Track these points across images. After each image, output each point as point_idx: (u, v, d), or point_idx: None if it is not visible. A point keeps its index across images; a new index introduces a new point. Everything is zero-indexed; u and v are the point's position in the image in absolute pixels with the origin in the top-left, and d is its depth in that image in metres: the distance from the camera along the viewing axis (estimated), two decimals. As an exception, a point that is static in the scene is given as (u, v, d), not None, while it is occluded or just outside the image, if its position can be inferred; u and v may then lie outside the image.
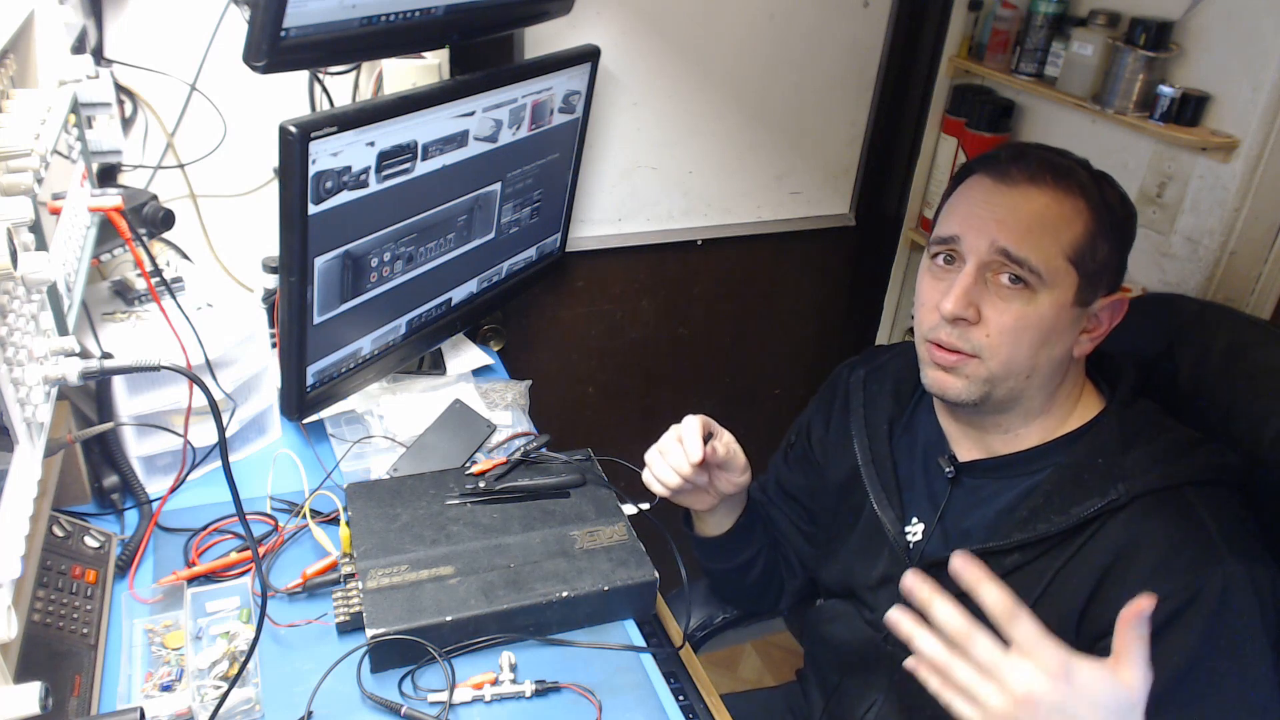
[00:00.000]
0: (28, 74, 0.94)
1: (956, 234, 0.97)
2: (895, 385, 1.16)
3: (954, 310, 0.94)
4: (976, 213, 0.96)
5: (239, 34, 1.03)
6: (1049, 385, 0.99)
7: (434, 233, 1.35)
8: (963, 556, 0.76)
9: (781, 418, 2.31)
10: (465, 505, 1.21)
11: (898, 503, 1.09)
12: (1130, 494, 0.90)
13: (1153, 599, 0.73)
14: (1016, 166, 0.96)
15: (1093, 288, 0.95)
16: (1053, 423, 1.01)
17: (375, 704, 0.99)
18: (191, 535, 1.19)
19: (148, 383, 1.19)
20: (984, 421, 1.03)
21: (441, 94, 1.24)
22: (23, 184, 0.76)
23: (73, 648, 0.98)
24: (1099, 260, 0.94)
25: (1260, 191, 1.42)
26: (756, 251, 2.04)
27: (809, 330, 2.23)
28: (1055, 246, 0.93)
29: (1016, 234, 0.93)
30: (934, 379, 1.00)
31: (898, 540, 1.08)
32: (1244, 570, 0.85)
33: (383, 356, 1.40)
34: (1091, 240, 0.94)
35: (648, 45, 1.71)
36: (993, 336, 0.94)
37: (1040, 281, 0.93)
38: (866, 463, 1.13)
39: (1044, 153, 0.98)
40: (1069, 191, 0.94)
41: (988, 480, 1.04)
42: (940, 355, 0.98)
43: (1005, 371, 0.95)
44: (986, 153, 1.03)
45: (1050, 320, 0.94)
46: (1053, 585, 0.93)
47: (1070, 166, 0.96)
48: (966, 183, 1.00)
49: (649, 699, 1.04)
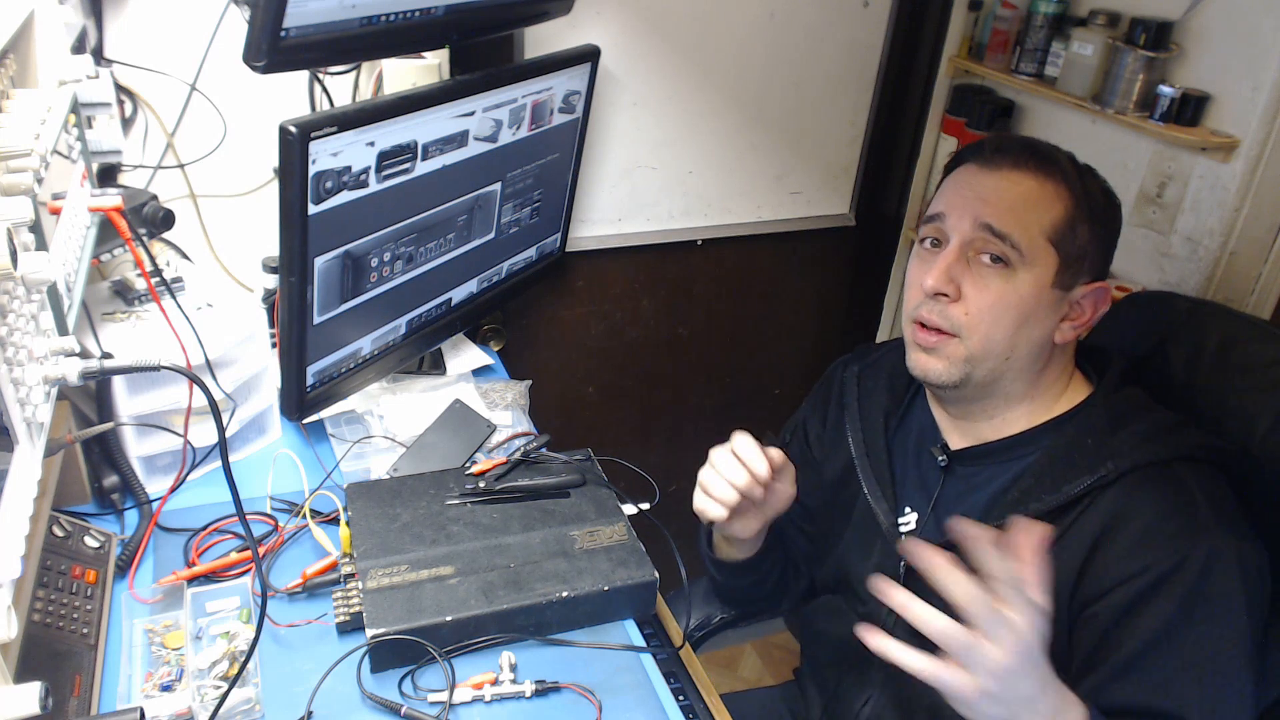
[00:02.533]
0: (28, 74, 0.94)
1: (942, 212, 1.00)
2: (890, 379, 1.17)
3: (935, 285, 0.97)
4: (962, 194, 1.00)
5: (239, 34, 1.03)
6: (1030, 369, 1.00)
7: (434, 233, 1.35)
8: (959, 521, 0.79)
9: (781, 418, 2.28)
10: (465, 505, 1.21)
11: (891, 494, 1.11)
12: (1120, 470, 0.92)
13: (1047, 527, 0.79)
14: (1001, 152, 1.00)
15: (1073, 272, 0.97)
16: (1039, 408, 1.03)
17: (375, 704, 0.99)
18: (191, 535, 1.19)
19: (148, 383, 1.19)
20: (971, 408, 1.05)
21: (441, 94, 1.24)
22: (23, 184, 0.75)
23: (73, 648, 0.98)
24: (1079, 244, 0.97)
25: (1260, 191, 1.42)
26: (756, 251, 2.04)
27: (809, 330, 2.23)
28: (1036, 225, 0.96)
29: (999, 211, 0.96)
30: (916, 361, 1.02)
31: (891, 531, 1.09)
32: (1230, 544, 0.87)
33: (383, 356, 1.40)
34: (1071, 223, 0.96)
35: (648, 45, 1.71)
36: (972, 314, 0.97)
37: (1020, 259, 0.95)
38: (860, 456, 1.14)
39: (1029, 141, 1.02)
40: (1051, 175, 0.98)
41: (979, 467, 1.05)
42: (922, 336, 1.00)
43: (984, 351, 0.97)
44: (974, 142, 1.07)
45: (1030, 300, 0.96)
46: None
47: (1053, 153, 1.00)
48: (955, 171, 1.04)
49: (649, 699, 1.04)
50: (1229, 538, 0.87)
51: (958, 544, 1.01)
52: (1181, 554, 0.87)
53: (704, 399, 2.19)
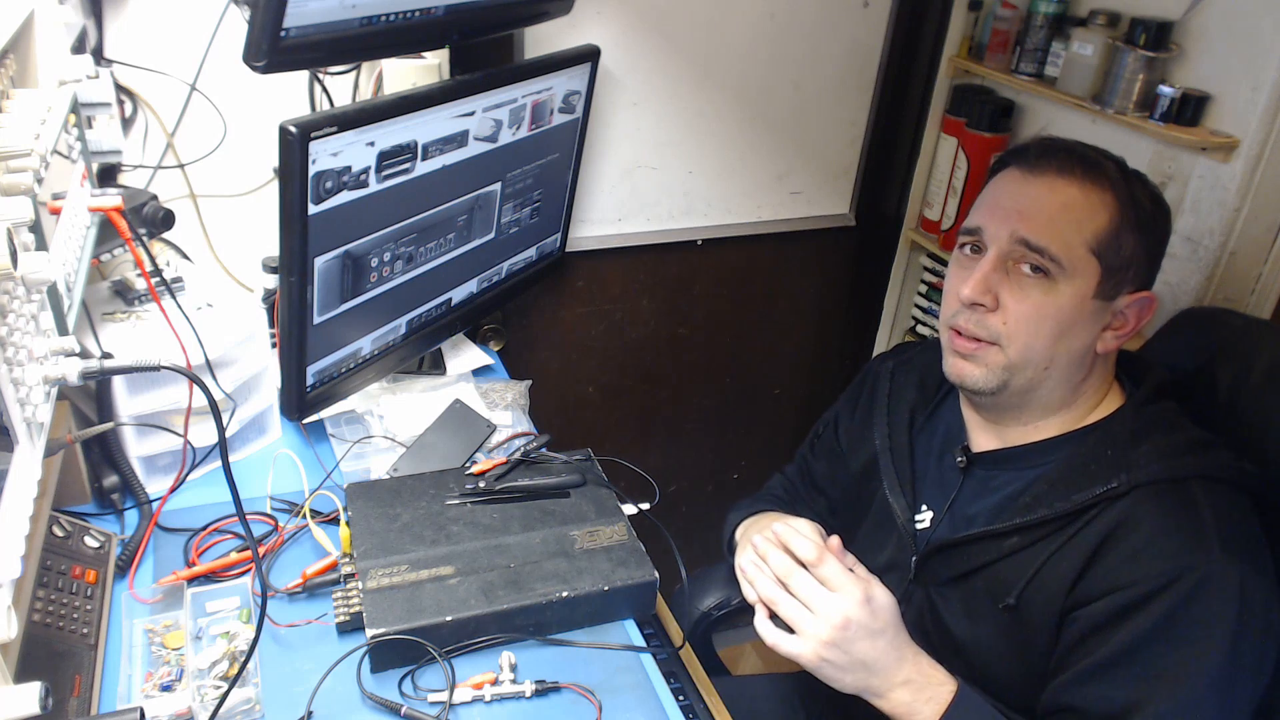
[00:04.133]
0: (28, 74, 0.94)
1: (980, 225, 0.98)
2: (921, 377, 1.17)
3: (971, 295, 0.96)
4: (1002, 204, 0.98)
5: (239, 34, 1.03)
6: (1069, 379, 0.99)
7: (434, 233, 1.35)
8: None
9: (782, 418, 2.31)
10: (465, 505, 1.21)
11: (910, 491, 1.11)
12: (1132, 483, 0.91)
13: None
14: (1046, 158, 0.97)
15: (1116, 282, 0.95)
16: (1073, 417, 1.02)
17: (375, 704, 0.99)
18: (191, 535, 1.19)
19: (148, 383, 1.19)
20: (1004, 414, 1.04)
21: (441, 94, 1.24)
22: (23, 184, 0.75)
23: (73, 648, 0.98)
24: (1124, 254, 0.94)
25: (1260, 191, 1.42)
26: (756, 251, 2.04)
27: (809, 330, 2.23)
28: (1078, 236, 0.93)
29: (1038, 224, 0.94)
30: (953, 366, 1.01)
31: (906, 527, 1.09)
32: (1231, 570, 0.85)
33: (383, 356, 1.40)
34: (1116, 233, 0.94)
35: (648, 45, 1.71)
36: (1010, 324, 0.95)
37: (1060, 271, 0.93)
38: (884, 450, 1.14)
39: (1075, 146, 0.99)
40: (1097, 183, 0.95)
41: (999, 471, 1.05)
42: (960, 343, 0.99)
43: (1023, 360, 0.96)
44: (1019, 145, 1.04)
45: (1070, 311, 0.94)
46: (1045, 567, 0.94)
47: (1100, 160, 0.97)
48: (998, 175, 1.02)
49: (649, 699, 1.04)
50: (1231, 563, 0.85)
51: (958, 542, 1.03)
52: (1173, 574, 0.86)
53: (704, 399, 2.19)
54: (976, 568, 1.00)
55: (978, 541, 1.00)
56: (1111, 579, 0.89)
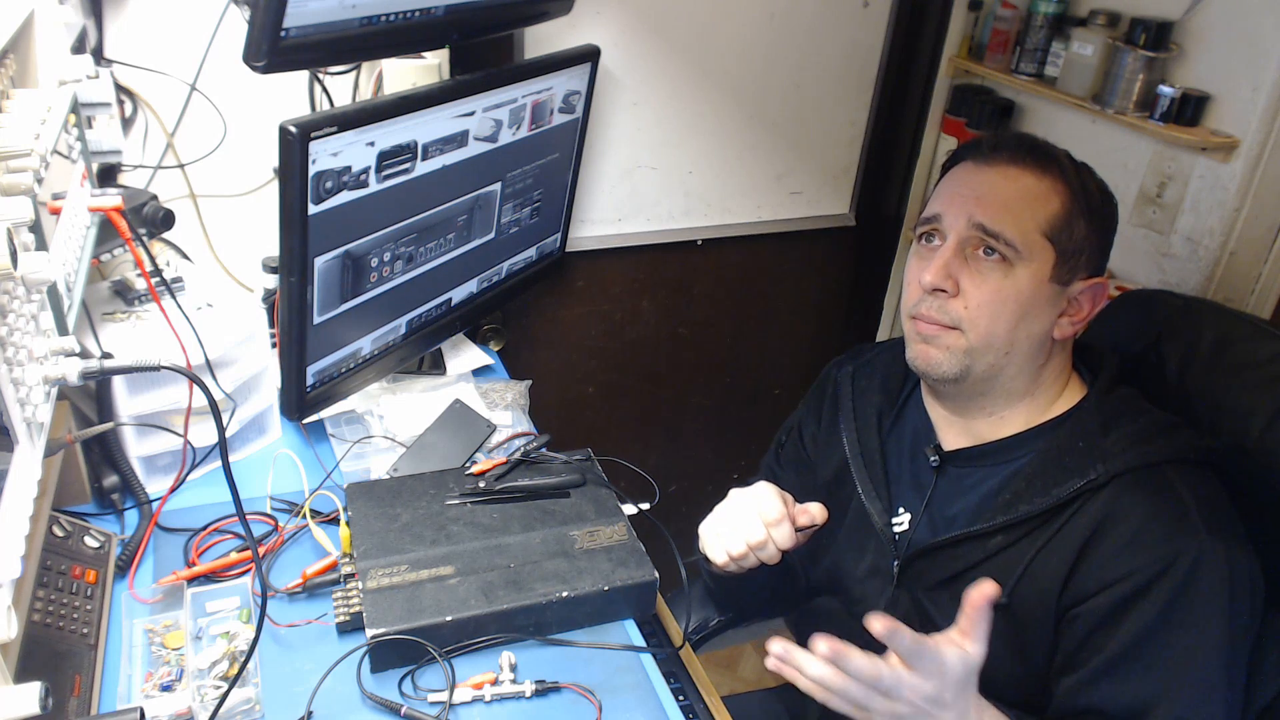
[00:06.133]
0: (28, 74, 0.94)
1: (939, 212, 1.01)
2: (884, 379, 1.17)
3: (933, 281, 0.98)
4: (958, 192, 1.00)
5: (239, 34, 1.03)
6: (1030, 365, 1.01)
7: (434, 233, 1.35)
8: (880, 618, 0.80)
9: (781, 418, 2.28)
10: (465, 505, 1.21)
11: (885, 494, 1.11)
12: (1109, 473, 0.93)
13: (996, 587, 0.81)
14: (999, 150, 1.01)
15: (1070, 267, 0.98)
16: (1037, 408, 1.03)
17: (375, 704, 0.99)
18: (191, 535, 1.19)
19: (148, 383, 1.19)
20: (969, 405, 1.05)
21: (441, 94, 1.24)
22: (23, 184, 0.75)
23: (73, 648, 0.98)
24: (1076, 239, 0.97)
25: (1260, 191, 1.42)
26: (756, 251, 2.04)
27: (809, 330, 2.23)
28: (1031, 221, 0.96)
29: (993, 209, 0.97)
30: (917, 352, 1.02)
31: (884, 531, 1.09)
32: (1218, 548, 0.88)
33: (383, 356, 1.40)
34: (1068, 219, 0.97)
35: (648, 45, 1.71)
36: (971, 309, 0.97)
37: (1016, 255, 0.96)
38: (855, 455, 1.14)
39: (1026, 137, 1.03)
40: (1047, 171, 0.98)
41: (972, 468, 1.06)
42: (923, 326, 1.01)
43: (984, 344, 0.98)
44: (972, 140, 1.07)
45: (1028, 294, 0.96)
46: (1034, 564, 0.95)
47: (1050, 150, 1.01)
48: (954, 168, 1.05)
49: (649, 699, 1.04)
50: (1217, 541, 0.88)
51: (942, 545, 1.02)
52: (1168, 559, 0.88)
53: (704, 399, 2.19)
54: (964, 569, 1.00)
55: (962, 543, 1.01)
56: (1106, 572, 0.90)
